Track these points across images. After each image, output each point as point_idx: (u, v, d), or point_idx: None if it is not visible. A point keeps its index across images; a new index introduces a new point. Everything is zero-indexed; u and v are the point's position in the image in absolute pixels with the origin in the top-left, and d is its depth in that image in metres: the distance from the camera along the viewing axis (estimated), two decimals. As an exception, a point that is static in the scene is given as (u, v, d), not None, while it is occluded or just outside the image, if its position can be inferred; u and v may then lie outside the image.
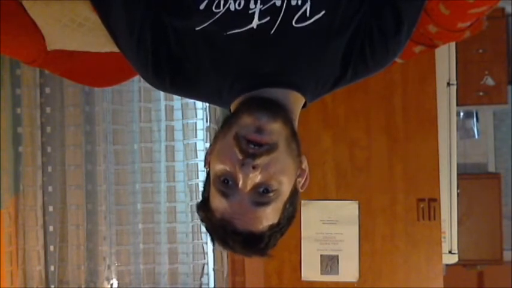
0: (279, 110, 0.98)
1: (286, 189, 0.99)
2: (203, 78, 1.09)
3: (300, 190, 1.06)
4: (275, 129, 0.95)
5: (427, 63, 2.32)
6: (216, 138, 1.01)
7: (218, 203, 0.98)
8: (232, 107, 1.08)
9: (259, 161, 0.93)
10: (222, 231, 0.98)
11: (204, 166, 1.08)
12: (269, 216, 0.99)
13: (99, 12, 1.12)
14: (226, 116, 1.04)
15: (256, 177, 0.94)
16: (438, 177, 2.32)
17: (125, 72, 1.48)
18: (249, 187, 0.95)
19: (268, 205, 0.98)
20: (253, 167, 0.93)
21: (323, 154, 2.36)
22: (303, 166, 1.04)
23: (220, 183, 0.97)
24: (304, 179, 1.06)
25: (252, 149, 0.93)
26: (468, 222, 3.69)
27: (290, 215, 1.04)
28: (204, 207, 1.03)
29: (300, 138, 1.01)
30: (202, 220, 1.05)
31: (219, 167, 0.97)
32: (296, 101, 1.06)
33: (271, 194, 0.97)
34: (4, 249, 2.75)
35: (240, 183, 0.95)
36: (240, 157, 0.94)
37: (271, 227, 1.00)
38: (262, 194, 0.96)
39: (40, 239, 2.83)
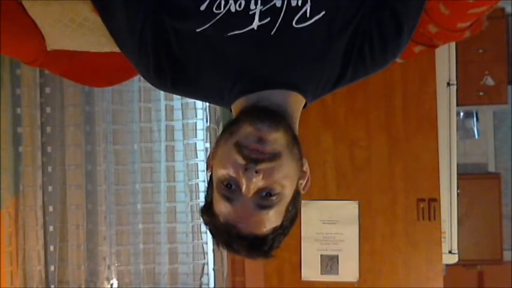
0: (280, 119, 0.98)
1: (288, 193, 1.00)
2: (204, 79, 1.09)
3: (302, 192, 1.06)
4: (277, 138, 0.95)
5: (427, 63, 2.32)
6: (218, 142, 1.02)
7: (222, 207, 0.99)
8: (234, 108, 1.08)
9: (262, 166, 0.94)
10: (227, 236, 0.99)
11: (206, 170, 1.08)
12: (272, 219, 0.99)
13: (101, 13, 1.12)
14: (227, 121, 1.04)
15: (259, 181, 0.95)
16: (438, 177, 2.32)
17: (125, 72, 1.48)
18: (252, 192, 0.95)
19: (271, 208, 0.98)
20: (256, 172, 0.93)
21: (323, 154, 2.36)
22: (304, 168, 1.05)
23: (224, 188, 0.98)
24: (305, 181, 1.06)
25: (255, 154, 0.94)
26: (468, 222, 3.68)
27: (293, 217, 1.04)
28: (207, 212, 1.03)
29: (300, 142, 1.02)
30: (206, 224, 1.06)
31: (221, 172, 0.98)
32: (297, 101, 1.06)
33: (274, 198, 0.97)
34: (4, 249, 2.75)
35: (244, 187, 0.95)
36: (243, 162, 0.94)
37: (275, 230, 1.00)
38: (265, 198, 0.97)
39: (40, 239, 2.83)
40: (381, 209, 2.34)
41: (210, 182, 1.04)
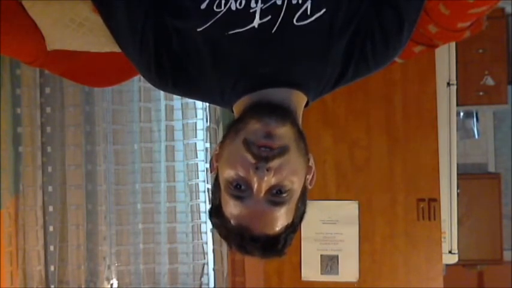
0: (286, 114, 0.98)
1: (297, 188, 1.00)
2: (205, 78, 1.09)
3: (309, 187, 1.06)
4: (284, 133, 0.95)
5: (427, 63, 2.32)
6: (223, 143, 1.01)
7: (233, 208, 0.98)
8: (235, 108, 1.08)
9: (272, 164, 0.93)
10: (240, 239, 0.98)
11: (211, 172, 1.07)
12: (284, 216, 0.99)
13: (101, 12, 1.12)
14: (231, 121, 1.03)
15: (270, 180, 0.94)
16: (438, 177, 2.32)
17: (125, 72, 1.48)
18: (264, 190, 0.95)
19: (283, 205, 0.98)
20: (267, 170, 0.93)
21: (323, 154, 2.36)
22: (310, 163, 1.05)
23: (233, 188, 0.97)
24: (311, 176, 1.07)
25: (265, 152, 0.93)
26: (468, 222, 3.68)
27: (302, 213, 1.05)
28: (217, 214, 1.02)
29: (306, 136, 1.02)
30: (215, 226, 1.05)
31: (230, 173, 0.97)
32: (299, 100, 1.06)
33: (285, 195, 0.97)
34: (4, 249, 2.75)
35: (255, 186, 0.95)
36: (253, 161, 0.94)
37: (287, 228, 1.00)
38: (276, 195, 0.97)
39: (40, 239, 2.83)
40: (381, 209, 2.34)
41: (216, 185, 1.03)
